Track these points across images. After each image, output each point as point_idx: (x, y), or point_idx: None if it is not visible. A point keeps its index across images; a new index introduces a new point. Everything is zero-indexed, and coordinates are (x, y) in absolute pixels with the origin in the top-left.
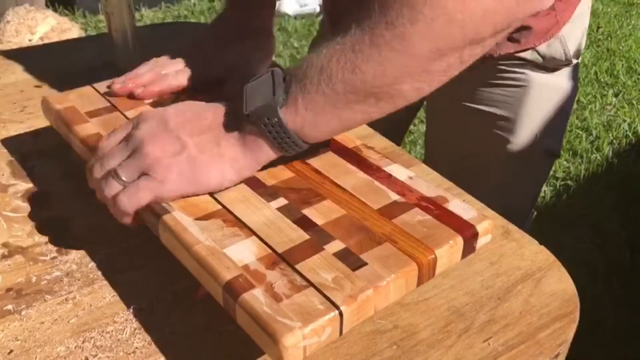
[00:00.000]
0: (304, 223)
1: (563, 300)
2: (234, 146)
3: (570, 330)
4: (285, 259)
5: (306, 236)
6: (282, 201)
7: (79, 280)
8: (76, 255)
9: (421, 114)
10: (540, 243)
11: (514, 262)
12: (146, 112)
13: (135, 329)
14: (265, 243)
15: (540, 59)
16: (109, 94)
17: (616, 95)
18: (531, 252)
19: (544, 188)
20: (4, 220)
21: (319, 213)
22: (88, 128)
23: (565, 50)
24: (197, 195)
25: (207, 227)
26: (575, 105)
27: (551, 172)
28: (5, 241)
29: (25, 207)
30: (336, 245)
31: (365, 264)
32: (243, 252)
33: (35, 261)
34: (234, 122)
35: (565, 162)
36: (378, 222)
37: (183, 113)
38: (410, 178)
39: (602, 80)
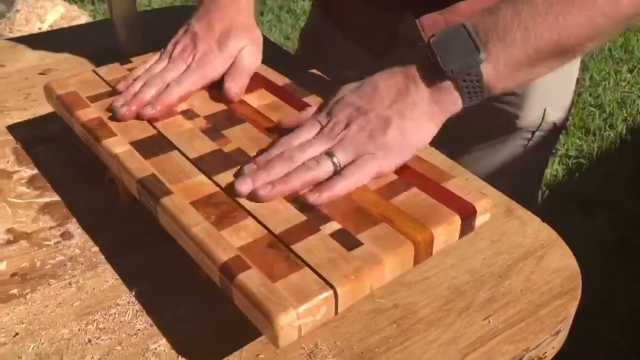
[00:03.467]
0: (301, 204)
1: (565, 278)
2: (429, 102)
3: (571, 307)
4: (282, 240)
5: (303, 217)
6: None
7: (82, 264)
8: (79, 240)
9: None
10: (552, 221)
11: (516, 240)
12: (330, 106)
13: (137, 312)
14: (262, 224)
15: None
16: (114, 117)
17: (631, 71)
18: (533, 230)
19: (556, 166)
20: (8, 206)
21: None
22: (89, 112)
23: None
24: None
25: (204, 209)
26: (588, 82)
27: (563, 150)
28: (10, 227)
29: (30, 193)
30: (332, 226)
31: (361, 244)
32: (240, 234)
33: (39, 246)
34: (423, 80)
35: (577, 140)
36: (375, 202)
37: (365, 92)
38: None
39: (616, 56)
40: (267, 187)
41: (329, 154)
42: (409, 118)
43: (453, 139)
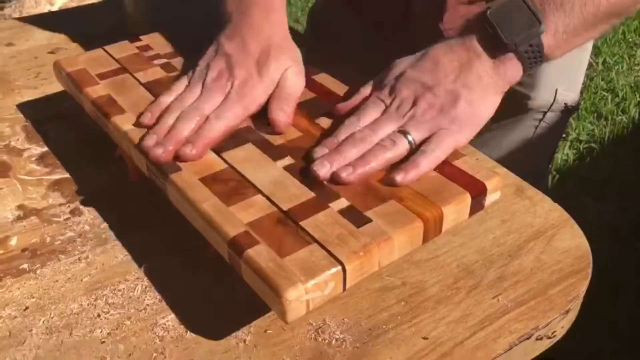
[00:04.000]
0: (310, 181)
1: (575, 257)
2: (493, 74)
3: (582, 287)
4: (290, 217)
5: (312, 194)
6: (289, 160)
7: (91, 240)
8: (89, 217)
9: None
10: (562, 205)
11: (527, 220)
12: (391, 83)
13: (146, 287)
14: (271, 201)
15: None
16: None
17: None
18: (544, 210)
19: (567, 151)
20: (19, 183)
21: None
22: (98, 90)
23: None
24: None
25: (213, 185)
26: (601, 66)
27: (574, 135)
28: (20, 203)
29: (40, 170)
30: (341, 203)
31: (370, 220)
32: (249, 210)
33: (49, 222)
34: (485, 52)
35: (589, 125)
36: (385, 179)
37: (427, 67)
38: None
39: (630, 40)
40: (347, 169)
41: (403, 132)
42: (475, 90)
43: None
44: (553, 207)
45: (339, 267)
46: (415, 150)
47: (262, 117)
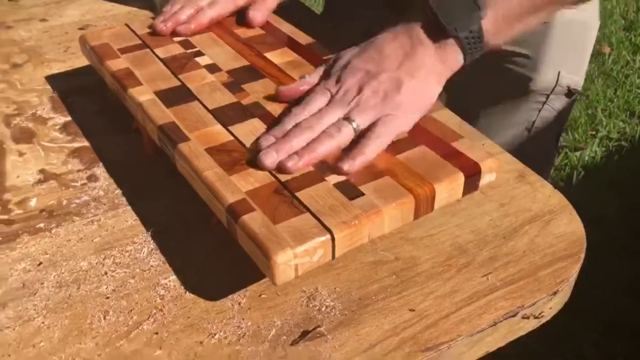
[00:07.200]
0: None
1: (570, 242)
2: (435, 62)
3: (572, 270)
4: (287, 187)
5: (310, 167)
6: None
7: (104, 205)
8: (104, 183)
9: None
10: (587, 203)
11: (525, 204)
12: (337, 73)
13: (152, 250)
14: (270, 172)
15: None
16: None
17: None
18: (544, 196)
19: (596, 148)
20: (42, 149)
21: None
22: (119, 63)
23: None
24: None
25: (218, 155)
26: (638, 64)
27: (604, 132)
28: (41, 168)
29: (62, 138)
30: (337, 177)
31: (363, 194)
32: (248, 179)
33: (67, 186)
34: (428, 40)
35: (621, 123)
36: (382, 157)
37: (372, 56)
38: (423, 117)
39: None
40: (293, 158)
41: (348, 119)
42: (418, 77)
43: (466, 103)
44: (553, 193)
45: (328, 236)
46: (360, 136)
47: (262, 92)
